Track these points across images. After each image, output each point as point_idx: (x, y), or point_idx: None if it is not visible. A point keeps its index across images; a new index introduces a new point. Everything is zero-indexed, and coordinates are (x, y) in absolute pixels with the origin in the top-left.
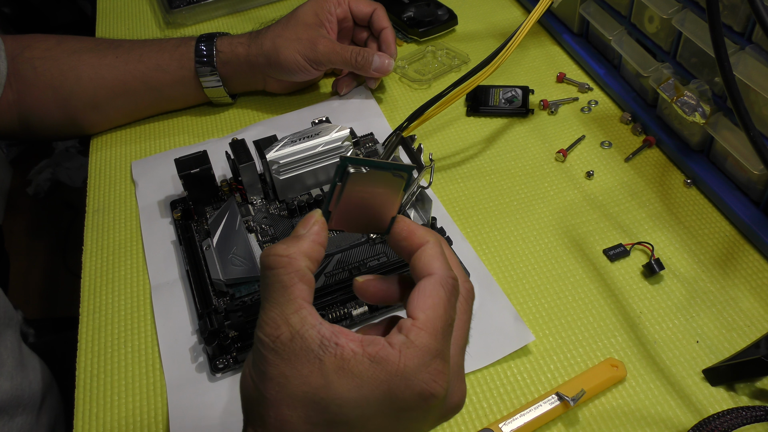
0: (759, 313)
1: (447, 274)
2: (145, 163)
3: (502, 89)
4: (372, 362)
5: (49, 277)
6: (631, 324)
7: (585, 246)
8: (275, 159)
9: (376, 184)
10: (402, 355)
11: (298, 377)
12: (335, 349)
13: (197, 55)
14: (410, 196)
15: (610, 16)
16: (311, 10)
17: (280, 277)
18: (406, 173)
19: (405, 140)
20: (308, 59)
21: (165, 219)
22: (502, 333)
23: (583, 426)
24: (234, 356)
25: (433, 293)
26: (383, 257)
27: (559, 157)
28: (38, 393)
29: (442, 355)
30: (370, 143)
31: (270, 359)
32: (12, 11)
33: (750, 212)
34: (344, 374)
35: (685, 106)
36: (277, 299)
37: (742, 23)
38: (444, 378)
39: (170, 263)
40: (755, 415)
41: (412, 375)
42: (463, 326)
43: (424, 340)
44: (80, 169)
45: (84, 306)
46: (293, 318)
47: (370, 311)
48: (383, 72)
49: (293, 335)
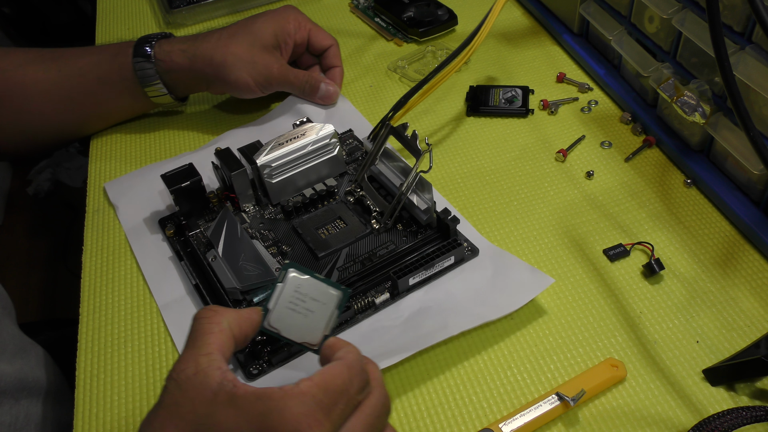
0: (759, 313)
1: (356, 358)
2: (119, 183)
3: (502, 89)
4: (256, 398)
5: (49, 277)
6: (631, 324)
7: (585, 246)
8: (267, 163)
9: (314, 295)
10: (285, 394)
11: (188, 405)
12: (231, 388)
13: (136, 66)
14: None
15: (610, 16)
16: (270, 29)
17: (202, 325)
18: (341, 293)
19: (395, 129)
20: (259, 84)
21: (155, 237)
22: (520, 283)
23: (583, 426)
24: (267, 360)
25: (335, 365)
26: (391, 245)
27: (559, 157)
28: (43, 379)
29: (326, 411)
30: (350, 140)
31: (169, 389)
32: (12, 11)
33: (750, 212)
34: (229, 406)
35: (685, 106)
36: (194, 343)
37: (742, 23)
38: (321, 429)
39: (173, 280)
40: (755, 415)
41: (288, 413)
42: (367, 420)
43: (311, 388)
44: (80, 169)
45: (84, 306)
46: (202, 359)
47: (391, 297)
48: (327, 101)
49: (197, 372)
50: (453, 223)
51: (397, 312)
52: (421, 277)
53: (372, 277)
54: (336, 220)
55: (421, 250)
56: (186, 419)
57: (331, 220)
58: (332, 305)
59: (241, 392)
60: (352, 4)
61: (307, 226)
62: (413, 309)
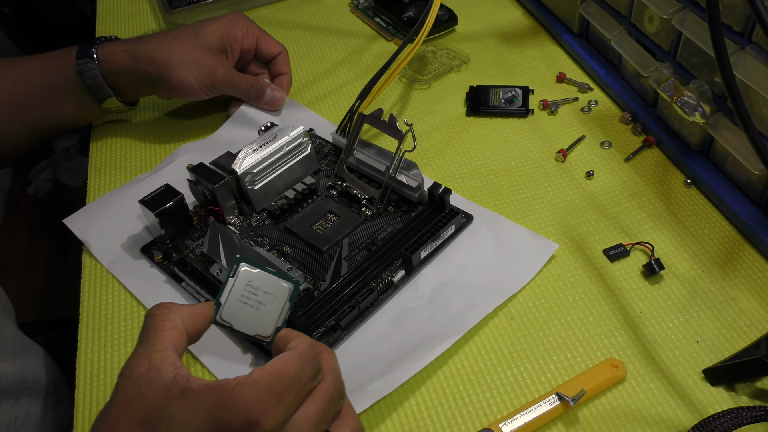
0: (759, 313)
1: (308, 347)
2: (80, 218)
3: (502, 89)
4: (209, 389)
5: (49, 277)
6: (631, 324)
7: (585, 246)
8: (247, 170)
9: (265, 288)
10: (238, 384)
11: (140, 401)
12: (184, 383)
13: (79, 67)
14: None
15: (610, 16)
16: (217, 33)
17: (156, 321)
18: (293, 285)
19: (370, 117)
20: (203, 85)
21: (141, 265)
22: (527, 251)
23: (583, 426)
24: None
25: (287, 354)
26: (388, 227)
27: (559, 157)
28: (43, 379)
29: (278, 398)
30: (314, 138)
31: (122, 385)
32: (12, 11)
33: (750, 212)
34: (182, 399)
35: (685, 106)
36: (147, 339)
37: (742, 23)
38: (275, 415)
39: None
40: (755, 415)
41: (242, 401)
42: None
43: (263, 377)
44: (80, 169)
45: (84, 306)
46: (156, 355)
47: (407, 274)
48: (273, 106)
49: (150, 368)
50: (446, 194)
51: (416, 290)
52: (430, 249)
53: (381, 260)
54: (327, 215)
55: (420, 227)
56: (139, 414)
57: (321, 215)
58: (284, 297)
59: (195, 386)
60: (352, 4)
61: (300, 224)
62: (432, 285)
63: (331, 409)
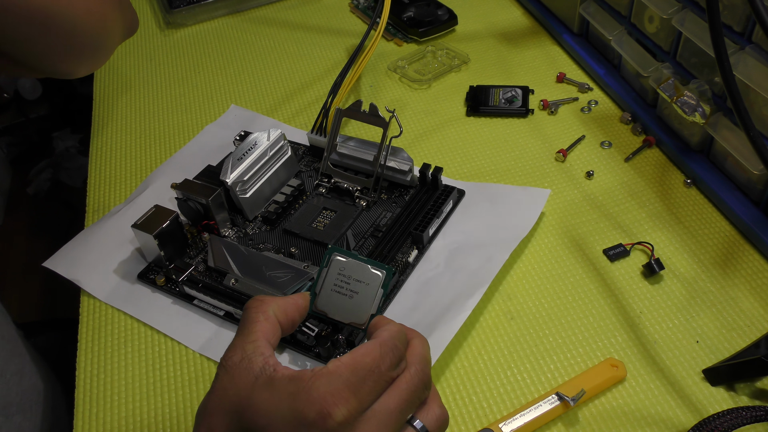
0: (759, 313)
1: (391, 335)
2: (62, 258)
3: (502, 89)
4: (289, 380)
5: (49, 277)
6: (631, 324)
7: (585, 246)
8: (237, 179)
9: (357, 276)
10: (314, 375)
11: (233, 389)
12: (271, 372)
13: None
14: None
15: (610, 16)
16: None
17: (249, 314)
18: (384, 271)
19: (348, 111)
20: None
21: (142, 292)
22: (521, 205)
23: (583, 426)
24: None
25: (367, 344)
26: (387, 213)
27: (559, 157)
28: (36, 392)
29: (353, 389)
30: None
31: (219, 375)
32: None
33: (750, 212)
34: (267, 389)
35: (685, 106)
36: (242, 331)
37: (742, 23)
38: (347, 406)
39: (196, 323)
40: (755, 415)
41: (315, 392)
42: (401, 395)
43: (338, 368)
44: (80, 169)
45: (84, 306)
46: (248, 346)
47: (420, 253)
48: None
49: (243, 358)
50: (438, 173)
51: (430, 263)
52: (436, 225)
53: (391, 244)
54: (323, 212)
55: (421, 208)
56: (231, 402)
57: (317, 213)
58: (376, 285)
59: (279, 375)
60: (352, 4)
61: (299, 224)
62: (444, 255)
63: (413, 400)
